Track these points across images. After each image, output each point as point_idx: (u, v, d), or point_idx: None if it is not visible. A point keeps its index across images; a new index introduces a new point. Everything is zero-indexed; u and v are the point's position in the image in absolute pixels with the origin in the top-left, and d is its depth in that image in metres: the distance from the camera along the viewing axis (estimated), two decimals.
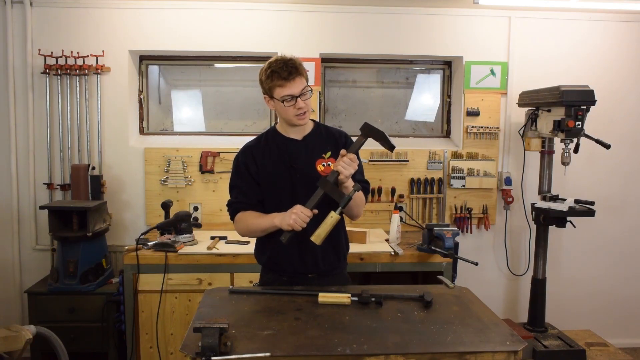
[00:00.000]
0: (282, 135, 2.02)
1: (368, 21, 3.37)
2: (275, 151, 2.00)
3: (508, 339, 1.55)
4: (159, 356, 2.77)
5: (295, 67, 1.87)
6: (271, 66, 1.88)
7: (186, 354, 1.42)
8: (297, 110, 1.90)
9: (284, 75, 1.85)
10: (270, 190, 2.01)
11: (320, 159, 2.01)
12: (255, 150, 2.02)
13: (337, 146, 2.02)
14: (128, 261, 2.72)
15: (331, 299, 1.82)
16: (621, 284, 3.69)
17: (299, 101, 1.88)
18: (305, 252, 2.00)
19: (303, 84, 1.90)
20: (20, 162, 3.31)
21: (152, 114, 3.59)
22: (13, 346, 1.81)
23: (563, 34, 3.47)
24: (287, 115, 1.92)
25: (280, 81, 1.86)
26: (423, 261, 2.84)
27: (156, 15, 3.28)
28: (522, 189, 3.47)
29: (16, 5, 3.21)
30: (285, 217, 1.83)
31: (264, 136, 2.07)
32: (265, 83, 1.91)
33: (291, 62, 1.87)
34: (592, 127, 3.15)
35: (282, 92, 1.87)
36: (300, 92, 1.88)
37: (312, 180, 1.94)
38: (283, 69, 1.85)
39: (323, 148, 2.02)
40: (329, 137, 2.05)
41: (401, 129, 3.73)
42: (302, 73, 1.89)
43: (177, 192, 3.35)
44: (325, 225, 1.82)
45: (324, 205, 1.88)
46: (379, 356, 1.45)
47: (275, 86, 1.88)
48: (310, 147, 2.01)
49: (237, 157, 2.05)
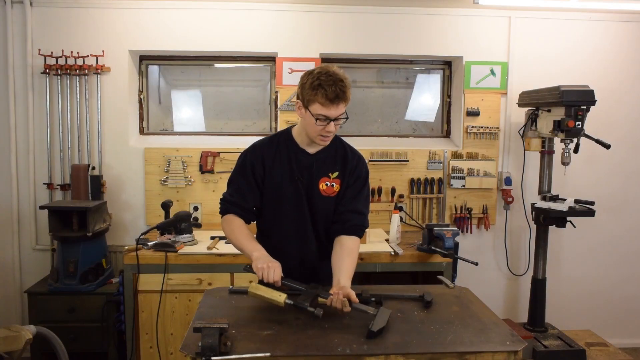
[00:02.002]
0: (297, 145, 1.94)
1: (368, 21, 3.37)
2: (286, 159, 1.93)
3: (508, 339, 1.55)
4: (159, 356, 2.77)
5: (344, 92, 1.76)
6: (320, 78, 1.75)
7: (186, 354, 1.42)
8: (324, 132, 1.81)
9: (331, 96, 1.73)
10: (273, 198, 1.96)
11: (325, 177, 1.94)
12: (266, 153, 1.94)
13: (345, 167, 1.95)
14: (128, 261, 2.72)
15: (264, 293, 1.76)
16: (621, 284, 3.69)
17: (332, 125, 1.79)
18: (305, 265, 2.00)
19: (343, 109, 1.80)
20: (20, 162, 3.31)
21: (152, 114, 3.59)
22: (13, 346, 1.81)
23: (563, 34, 3.47)
24: (312, 131, 1.83)
25: (324, 100, 1.74)
26: (423, 261, 2.84)
27: (156, 15, 3.28)
28: (522, 189, 3.47)
29: (16, 5, 3.21)
30: (260, 261, 1.74)
31: (277, 139, 1.97)
32: (307, 93, 1.77)
33: (341, 84, 1.75)
34: (592, 127, 3.15)
35: (320, 110, 1.76)
36: (336, 117, 1.80)
37: (312, 196, 1.93)
38: (332, 89, 1.73)
39: (332, 167, 1.95)
40: (342, 158, 1.97)
41: (401, 129, 3.73)
42: (347, 99, 1.79)
43: (177, 192, 3.35)
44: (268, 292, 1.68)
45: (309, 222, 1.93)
46: (379, 356, 1.45)
47: (316, 101, 1.76)
48: (319, 164, 1.94)
49: (246, 154, 1.97)
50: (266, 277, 1.71)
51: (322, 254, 1.99)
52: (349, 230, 1.93)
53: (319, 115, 1.77)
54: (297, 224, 1.97)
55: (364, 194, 1.99)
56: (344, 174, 1.95)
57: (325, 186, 1.94)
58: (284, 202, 1.95)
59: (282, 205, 1.96)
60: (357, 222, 1.95)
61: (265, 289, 1.62)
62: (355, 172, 1.96)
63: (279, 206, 1.96)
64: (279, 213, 1.97)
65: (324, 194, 1.94)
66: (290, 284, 1.74)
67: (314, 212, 1.96)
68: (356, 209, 1.95)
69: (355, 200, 1.96)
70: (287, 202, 1.95)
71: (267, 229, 2.04)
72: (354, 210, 1.95)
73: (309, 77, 1.78)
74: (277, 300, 1.59)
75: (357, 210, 1.95)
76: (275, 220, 1.99)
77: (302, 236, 1.98)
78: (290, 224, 1.97)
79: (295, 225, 1.97)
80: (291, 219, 1.96)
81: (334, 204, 1.96)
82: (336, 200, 1.96)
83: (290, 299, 1.61)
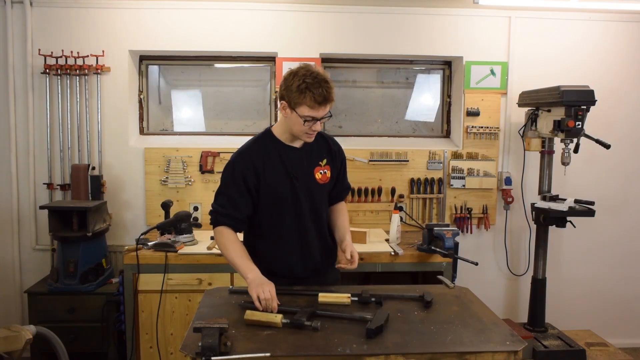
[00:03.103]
0: (282, 143, 1.98)
1: (368, 21, 3.37)
2: (277, 160, 1.95)
3: (508, 339, 1.55)
4: (159, 356, 2.77)
5: (330, 93, 1.81)
6: (306, 80, 1.78)
7: (186, 354, 1.42)
8: (310, 130, 1.87)
9: (319, 99, 1.78)
10: (271, 200, 1.97)
11: (318, 166, 2.03)
12: (255, 158, 1.94)
13: (330, 153, 2.07)
14: (128, 261, 2.72)
15: (331, 299, 1.82)
16: (621, 284, 3.69)
17: (317, 123, 1.86)
18: (306, 258, 2.04)
19: (328, 109, 1.86)
20: (20, 162, 3.31)
21: (152, 114, 3.59)
22: (13, 346, 1.81)
23: (563, 34, 3.47)
24: (298, 130, 1.88)
25: (313, 103, 1.79)
26: (423, 261, 2.84)
27: (156, 15, 3.28)
28: (522, 189, 3.47)
29: (16, 5, 3.21)
30: (257, 287, 1.75)
31: (261, 141, 1.99)
32: (294, 96, 1.80)
33: (327, 85, 1.80)
34: (592, 127, 3.15)
35: (307, 112, 1.81)
36: (322, 116, 1.85)
37: (310, 188, 1.99)
38: (319, 92, 1.77)
39: (319, 156, 2.04)
40: (323, 144, 2.06)
41: (401, 129, 3.73)
42: (333, 99, 1.84)
43: (177, 192, 3.35)
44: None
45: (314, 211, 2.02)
46: (379, 356, 1.45)
47: (303, 104, 1.80)
48: (308, 156, 2.01)
49: (233, 164, 1.95)
50: (264, 307, 1.72)
51: (322, 244, 2.08)
52: (340, 201, 2.22)
53: (306, 117, 1.83)
54: (297, 219, 2.00)
55: (346, 170, 2.21)
56: (332, 160, 2.08)
57: (320, 174, 2.04)
58: (282, 200, 1.97)
59: (280, 203, 1.98)
60: (347, 194, 2.27)
61: (261, 314, 1.65)
62: (339, 156, 2.12)
63: (278, 205, 1.98)
64: (278, 212, 1.99)
65: (320, 182, 2.03)
66: (286, 309, 1.72)
67: (313, 203, 2.02)
68: (346, 185, 2.22)
69: (344, 179, 2.20)
70: (286, 200, 1.97)
71: (265, 231, 2.04)
72: (345, 187, 2.22)
73: (294, 79, 1.80)
74: (274, 322, 1.61)
75: (346, 186, 2.22)
76: (274, 220, 2.00)
77: (303, 230, 2.02)
78: (290, 220, 2.00)
79: (296, 220, 2.00)
80: (291, 215, 1.99)
81: (328, 189, 2.10)
82: (329, 185, 2.09)
83: (287, 319, 1.61)
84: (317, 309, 1.71)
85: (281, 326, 1.59)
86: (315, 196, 2.02)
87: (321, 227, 2.08)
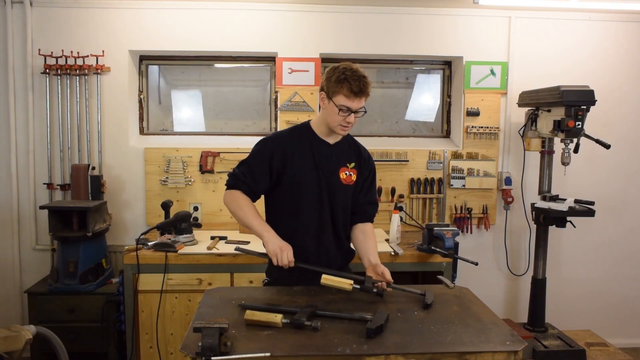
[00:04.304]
0: (317, 136, 2.07)
1: (368, 21, 3.37)
2: (307, 149, 2.04)
3: (508, 339, 1.55)
4: (159, 356, 2.77)
5: (366, 87, 1.92)
6: (345, 72, 1.91)
7: (186, 354, 1.42)
8: (345, 122, 1.95)
9: (355, 89, 1.90)
10: (293, 187, 2.03)
11: (344, 167, 2.09)
12: (288, 142, 2.04)
13: (360, 159, 2.13)
14: (128, 261, 2.72)
15: (334, 282, 1.83)
16: (621, 284, 3.69)
17: (352, 116, 1.94)
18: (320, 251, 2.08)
19: (363, 103, 1.96)
20: (20, 162, 3.31)
21: (152, 114, 3.59)
22: (13, 346, 1.81)
23: (563, 34, 3.47)
24: (333, 121, 1.97)
25: (349, 93, 1.90)
26: (423, 261, 2.84)
27: (156, 15, 3.28)
28: (522, 189, 3.47)
29: (16, 5, 3.21)
30: (275, 245, 1.89)
31: (297, 130, 2.10)
32: (333, 85, 1.93)
33: (364, 80, 1.92)
34: (592, 127, 3.15)
35: (343, 101, 1.92)
36: (357, 109, 1.94)
37: (333, 185, 2.04)
38: (356, 83, 1.90)
39: (348, 158, 2.10)
40: (355, 149, 2.14)
41: (401, 129, 3.73)
42: (368, 94, 1.95)
43: (177, 192, 3.35)
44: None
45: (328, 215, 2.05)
46: (379, 356, 1.45)
47: (340, 93, 1.91)
48: (338, 154, 2.08)
49: (266, 142, 2.05)
50: (280, 261, 1.85)
51: (337, 243, 2.11)
52: (367, 219, 2.18)
53: (342, 105, 1.92)
54: (317, 212, 2.05)
55: (375, 185, 2.24)
56: (359, 166, 2.12)
57: (345, 175, 2.08)
58: (305, 190, 2.03)
59: (302, 193, 2.03)
60: (373, 212, 2.21)
61: (261, 314, 1.65)
62: (369, 164, 2.16)
63: (299, 194, 2.03)
64: (298, 201, 2.04)
65: (344, 182, 2.08)
66: (304, 266, 1.85)
67: (333, 200, 2.06)
68: (372, 200, 2.20)
69: (370, 192, 2.18)
70: (308, 190, 2.03)
71: (282, 218, 2.07)
72: (371, 202, 2.19)
73: (334, 71, 1.94)
74: (274, 322, 1.61)
75: (373, 201, 2.20)
76: (293, 209, 2.05)
77: (320, 224, 2.06)
78: (309, 212, 2.04)
79: (315, 213, 2.05)
80: (311, 207, 2.04)
81: (351, 192, 2.11)
82: (354, 189, 2.12)
83: (287, 319, 1.62)
84: (317, 309, 1.71)
85: (281, 326, 1.59)
86: (336, 194, 2.06)
87: (337, 225, 2.10)
